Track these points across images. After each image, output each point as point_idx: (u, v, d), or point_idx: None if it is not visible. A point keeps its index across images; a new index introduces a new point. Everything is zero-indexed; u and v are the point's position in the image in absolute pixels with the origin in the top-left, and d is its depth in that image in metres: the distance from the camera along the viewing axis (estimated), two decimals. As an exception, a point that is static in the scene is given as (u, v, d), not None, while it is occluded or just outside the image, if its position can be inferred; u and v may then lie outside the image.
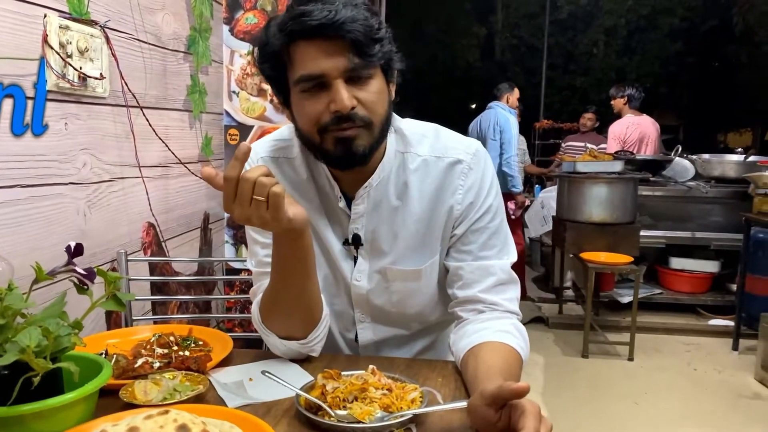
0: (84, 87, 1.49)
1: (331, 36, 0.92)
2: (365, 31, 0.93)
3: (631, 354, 3.65)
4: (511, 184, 4.63)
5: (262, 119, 2.16)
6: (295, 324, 1.06)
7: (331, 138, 0.98)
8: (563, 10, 14.94)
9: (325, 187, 1.11)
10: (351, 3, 0.94)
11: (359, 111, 0.97)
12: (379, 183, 1.08)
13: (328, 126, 0.97)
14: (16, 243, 1.29)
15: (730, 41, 14.00)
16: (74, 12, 1.46)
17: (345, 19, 0.91)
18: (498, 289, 1.10)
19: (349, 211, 1.10)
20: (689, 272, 4.47)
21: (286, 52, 0.96)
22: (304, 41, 0.94)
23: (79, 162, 1.51)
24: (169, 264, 2.05)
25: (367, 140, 0.99)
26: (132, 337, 1.21)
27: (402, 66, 1.05)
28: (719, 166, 4.41)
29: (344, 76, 0.95)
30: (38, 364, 0.72)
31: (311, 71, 0.94)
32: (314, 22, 0.91)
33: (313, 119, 0.98)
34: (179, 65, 2.08)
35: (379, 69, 0.99)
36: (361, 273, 1.13)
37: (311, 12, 0.91)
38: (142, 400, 0.88)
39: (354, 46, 0.93)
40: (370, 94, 0.97)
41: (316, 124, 0.98)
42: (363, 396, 0.87)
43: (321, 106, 0.96)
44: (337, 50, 0.93)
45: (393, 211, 1.10)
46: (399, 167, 1.10)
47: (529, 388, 0.73)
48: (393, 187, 1.10)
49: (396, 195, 1.10)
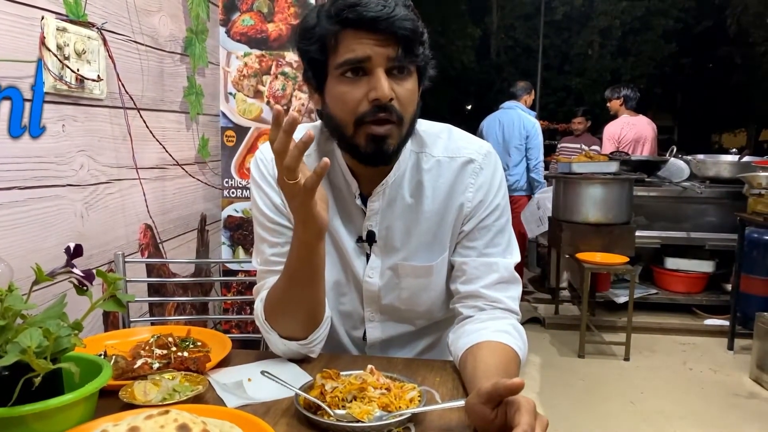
0: (81, 89, 1.49)
1: (382, 29, 0.95)
2: (413, 30, 0.96)
3: (627, 354, 3.67)
4: (538, 190, 4.70)
5: (258, 121, 2.17)
6: (297, 324, 1.07)
7: (365, 133, 0.99)
8: (558, 12, 15.00)
9: (340, 184, 1.12)
10: (404, 3, 0.97)
11: (395, 105, 0.99)
12: (394, 181, 1.11)
13: (365, 116, 0.98)
14: (14, 244, 1.29)
15: (724, 42, 14.08)
16: (71, 14, 1.46)
17: (398, 17, 0.94)
18: (500, 286, 1.11)
19: (364, 207, 1.12)
20: (684, 272, 4.48)
21: (333, 38, 0.98)
22: (354, 30, 0.96)
23: (76, 164, 1.51)
24: (167, 265, 2.05)
25: (397, 139, 1.02)
26: (131, 338, 1.21)
27: (434, 73, 1.08)
28: (714, 167, 4.43)
29: (387, 66, 0.97)
30: (39, 364, 0.72)
31: (358, 55, 0.96)
32: (371, 14, 0.94)
33: (351, 107, 0.99)
34: (176, 67, 2.08)
35: (415, 70, 1.02)
36: (374, 270, 1.15)
37: (368, 3, 0.94)
38: (142, 400, 0.88)
39: (402, 42, 0.96)
40: (405, 91, 1.00)
41: (353, 113, 0.99)
42: (362, 395, 0.87)
43: (360, 94, 0.98)
44: (385, 42, 0.96)
45: (407, 208, 1.12)
46: (414, 166, 1.13)
47: (524, 384, 0.74)
48: (407, 185, 1.12)
49: (410, 193, 1.12)
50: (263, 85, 2.15)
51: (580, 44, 15.57)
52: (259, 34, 2.12)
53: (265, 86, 2.15)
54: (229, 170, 2.20)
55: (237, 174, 2.20)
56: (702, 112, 14.50)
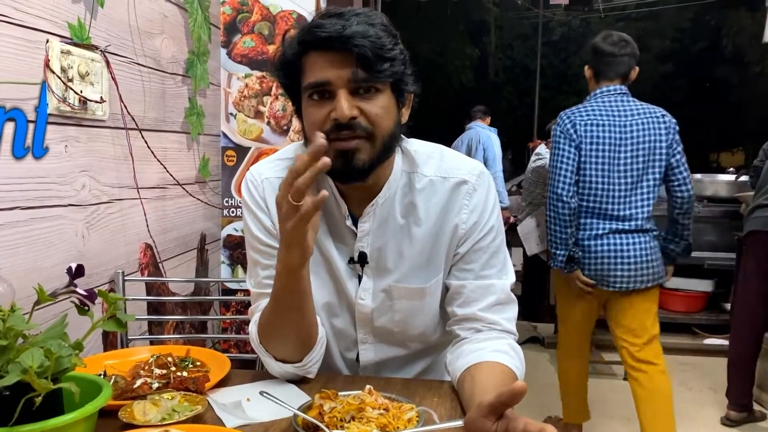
0: (84, 110, 1.51)
1: (338, 48, 0.96)
2: (373, 47, 0.96)
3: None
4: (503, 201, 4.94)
5: (259, 141, 2.19)
6: (290, 348, 1.07)
7: (333, 149, 0.99)
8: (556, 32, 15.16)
9: (331, 205, 1.12)
10: (367, 21, 0.98)
11: (361, 121, 0.99)
12: (385, 201, 1.11)
13: (329, 134, 0.98)
14: (16, 264, 1.30)
15: (720, 62, 14.21)
16: (75, 37, 1.49)
17: (354, 34, 0.95)
18: (497, 308, 1.11)
19: (355, 228, 1.12)
20: (683, 291, 4.48)
21: (299, 61, 1.01)
22: (315, 52, 0.99)
23: (78, 184, 1.52)
24: (166, 284, 2.06)
25: (368, 154, 1.01)
26: (130, 358, 1.22)
27: (416, 90, 1.07)
28: (711, 186, 4.45)
29: (348, 87, 0.98)
30: (40, 384, 0.73)
31: (318, 79, 0.98)
32: (324, 34, 0.96)
33: (316, 126, 1.00)
34: (178, 88, 2.11)
35: (388, 87, 1.02)
36: (366, 292, 1.14)
37: (324, 24, 0.97)
38: (141, 420, 0.88)
39: (360, 60, 0.96)
40: (374, 107, 1.00)
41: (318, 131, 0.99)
42: (360, 416, 0.88)
43: (323, 114, 0.99)
44: (343, 62, 0.97)
45: (399, 229, 1.12)
46: (405, 186, 1.12)
47: (526, 389, 0.74)
48: (399, 206, 1.12)
49: (402, 213, 1.12)
50: (264, 106, 2.17)
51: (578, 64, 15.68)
52: (260, 55, 2.15)
53: (266, 107, 2.17)
54: (229, 190, 2.22)
55: (237, 193, 2.21)
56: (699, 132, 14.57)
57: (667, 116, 2.39)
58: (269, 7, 2.14)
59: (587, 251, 2.38)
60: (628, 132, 2.33)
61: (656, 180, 2.34)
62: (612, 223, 2.35)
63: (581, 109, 2.40)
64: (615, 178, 2.33)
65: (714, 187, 4.43)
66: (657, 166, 2.33)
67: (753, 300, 3.00)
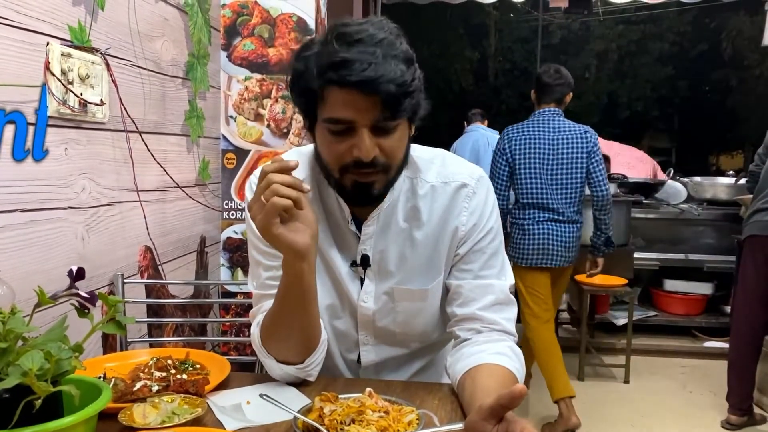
0: (84, 113, 1.51)
1: (367, 92, 0.93)
2: (399, 89, 0.94)
3: (626, 376, 3.65)
4: None
5: (259, 143, 2.19)
6: (292, 349, 1.07)
7: (350, 179, 1.02)
8: (555, 35, 15.17)
9: (334, 209, 1.13)
10: (390, 53, 0.94)
11: (380, 158, 1.00)
12: (389, 206, 1.12)
13: (348, 167, 1.00)
14: (16, 267, 1.30)
15: (720, 65, 14.23)
16: (76, 40, 1.49)
17: (382, 79, 0.92)
18: (496, 308, 1.12)
19: (358, 232, 1.12)
20: (683, 294, 4.48)
21: (319, 91, 0.97)
22: (338, 88, 0.95)
23: (78, 186, 1.52)
24: (166, 287, 2.06)
25: (383, 182, 1.04)
26: (130, 360, 1.21)
27: (428, 110, 1.06)
28: (711, 189, 4.45)
29: (370, 126, 0.97)
30: (40, 387, 0.73)
31: (340, 116, 0.96)
32: (353, 78, 0.92)
33: (335, 158, 1.01)
34: (178, 91, 2.11)
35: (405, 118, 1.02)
36: (368, 294, 1.15)
37: (351, 64, 0.92)
38: (141, 423, 0.88)
39: (386, 102, 0.94)
40: (392, 142, 1.01)
41: (337, 163, 1.02)
42: (360, 418, 0.87)
43: (344, 148, 0.99)
44: (369, 104, 0.94)
45: (401, 232, 1.13)
46: (408, 191, 1.14)
47: (526, 391, 0.75)
48: (401, 210, 1.13)
49: (404, 218, 1.13)
50: (264, 109, 2.17)
51: (578, 67, 15.70)
52: (260, 58, 2.15)
53: (266, 109, 2.17)
54: (229, 192, 2.22)
55: (237, 196, 2.21)
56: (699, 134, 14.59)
57: (589, 132, 3.01)
58: (269, 10, 2.14)
59: (530, 233, 2.97)
60: (556, 145, 2.97)
61: (579, 181, 2.97)
62: (548, 214, 2.96)
63: (521, 127, 3.05)
64: (546, 180, 2.97)
65: (713, 190, 4.43)
66: (579, 171, 2.96)
67: (752, 303, 3.02)
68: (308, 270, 1.00)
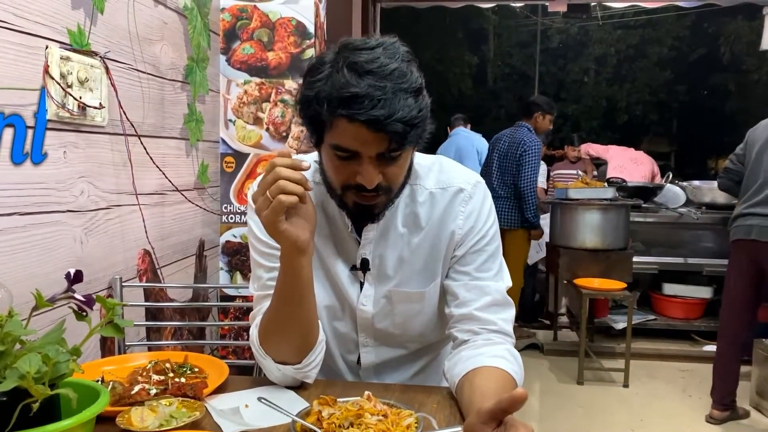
0: (83, 116, 1.51)
1: (376, 130, 0.93)
2: (406, 126, 0.93)
3: (626, 380, 3.65)
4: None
5: (258, 147, 2.19)
6: (290, 347, 1.07)
7: (352, 199, 1.04)
8: (554, 40, 15.23)
9: (335, 214, 1.15)
10: (401, 86, 0.93)
11: (383, 184, 1.02)
12: (389, 211, 1.12)
13: (351, 187, 1.02)
14: (14, 270, 1.30)
15: (718, 70, 14.28)
16: (75, 43, 1.49)
17: (391, 118, 0.91)
18: (493, 309, 1.13)
19: (359, 237, 1.14)
20: (682, 298, 4.48)
21: (328, 118, 0.96)
22: (347, 121, 0.94)
23: (76, 190, 1.52)
24: (164, 290, 2.05)
25: (384, 203, 1.07)
26: (128, 364, 1.21)
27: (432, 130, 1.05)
28: (709, 193, 4.45)
29: (375, 156, 0.98)
30: (37, 390, 0.73)
31: (347, 146, 0.97)
32: (362, 117, 0.91)
33: (339, 179, 1.03)
34: (177, 94, 2.11)
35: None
36: (367, 298, 1.17)
37: (362, 100, 0.91)
38: (139, 426, 0.88)
39: (394, 138, 0.94)
40: (395, 169, 1.02)
41: (341, 184, 1.03)
42: (359, 422, 0.87)
43: (348, 172, 1.01)
44: (376, 139, 0.94)
45: (399, 237, 1.15)
46: (407, 197, 1.15)
47: (527, 395, 0.75)
48: (401, 216, 1.15)
49: (402, 223, 1.15)
50: (263, 112, 2.17)
51: (576, 71, 15.76)
52: (259, 62, 2.16)
53: (265, 113, 2.17)
54: (227, 196, 2.21)
55: (236, 200, 2.21)
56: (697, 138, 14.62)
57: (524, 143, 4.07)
58: (268, 14, 2.15)
59: None
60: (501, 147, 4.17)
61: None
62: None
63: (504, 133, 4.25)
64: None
65: (712, 194, 4.43)
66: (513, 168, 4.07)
67: (734, 305, 3.15)
68: (307, 264, 1.02)
